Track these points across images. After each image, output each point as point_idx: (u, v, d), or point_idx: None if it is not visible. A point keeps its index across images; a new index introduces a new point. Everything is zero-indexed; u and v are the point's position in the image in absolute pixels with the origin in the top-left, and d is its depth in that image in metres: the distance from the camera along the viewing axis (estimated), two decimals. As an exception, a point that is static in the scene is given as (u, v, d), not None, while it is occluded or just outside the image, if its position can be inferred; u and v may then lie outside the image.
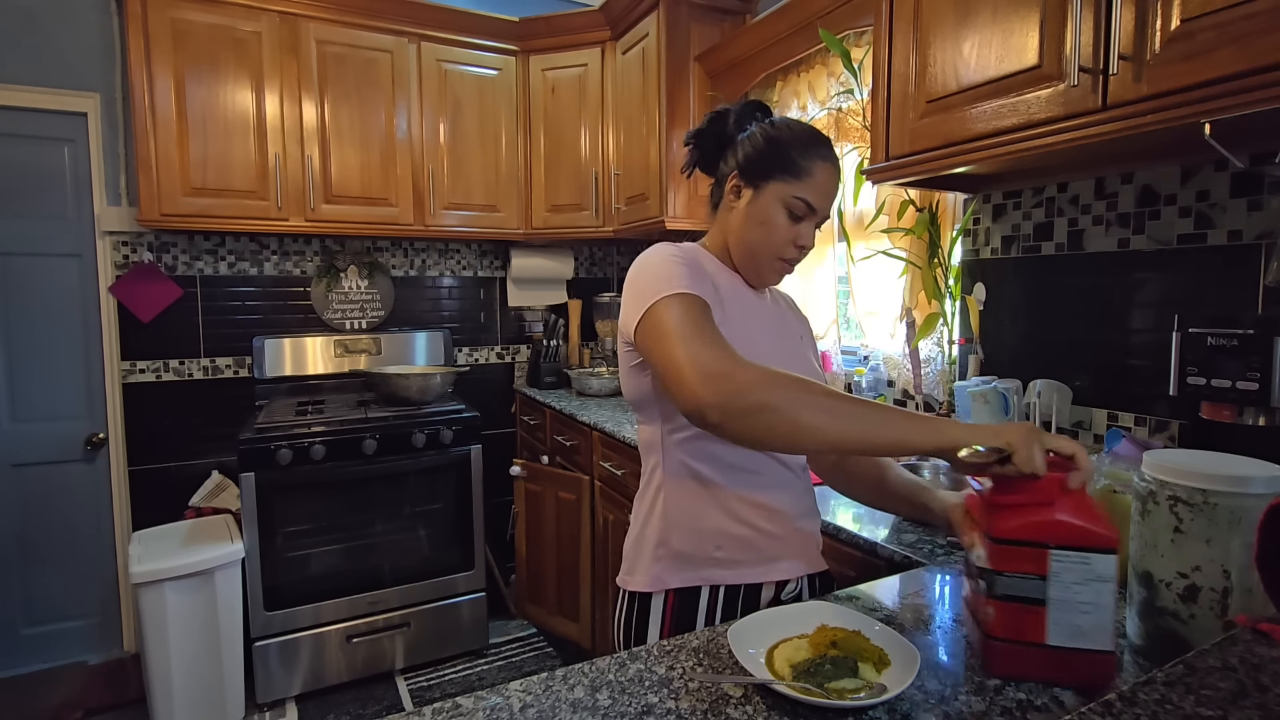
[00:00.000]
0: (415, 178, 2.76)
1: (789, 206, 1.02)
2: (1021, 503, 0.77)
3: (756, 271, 1.07)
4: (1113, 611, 0.74)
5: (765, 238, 1.03)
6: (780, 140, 1.02)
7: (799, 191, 1.01)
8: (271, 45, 2.49)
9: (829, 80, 2.11)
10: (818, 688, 0.73)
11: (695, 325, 0.88)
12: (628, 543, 1.11)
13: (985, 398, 1.56)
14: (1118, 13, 1.01)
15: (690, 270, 0.95)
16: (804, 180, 1.01)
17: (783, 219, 1.02)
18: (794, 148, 1.02)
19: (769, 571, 1.04)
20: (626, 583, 1.07)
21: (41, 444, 2.55)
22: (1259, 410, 1.07)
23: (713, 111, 1.10)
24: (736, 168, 1.05)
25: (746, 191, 1.04)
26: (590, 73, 2.82)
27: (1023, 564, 0.75)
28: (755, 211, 1.03)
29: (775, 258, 1.05)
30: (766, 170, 1.02)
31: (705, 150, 1.11)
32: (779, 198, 1.02)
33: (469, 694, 0.75)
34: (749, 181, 1.04)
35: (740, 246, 1.06)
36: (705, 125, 1.10)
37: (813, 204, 1.02)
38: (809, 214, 1.03)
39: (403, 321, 3.13)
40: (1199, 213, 1.32)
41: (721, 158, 1.10)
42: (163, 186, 2.36)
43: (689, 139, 1.12)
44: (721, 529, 1.02)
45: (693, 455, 1.03)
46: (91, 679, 2.53)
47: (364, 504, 2.45)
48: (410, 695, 2.42)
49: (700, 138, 1.10)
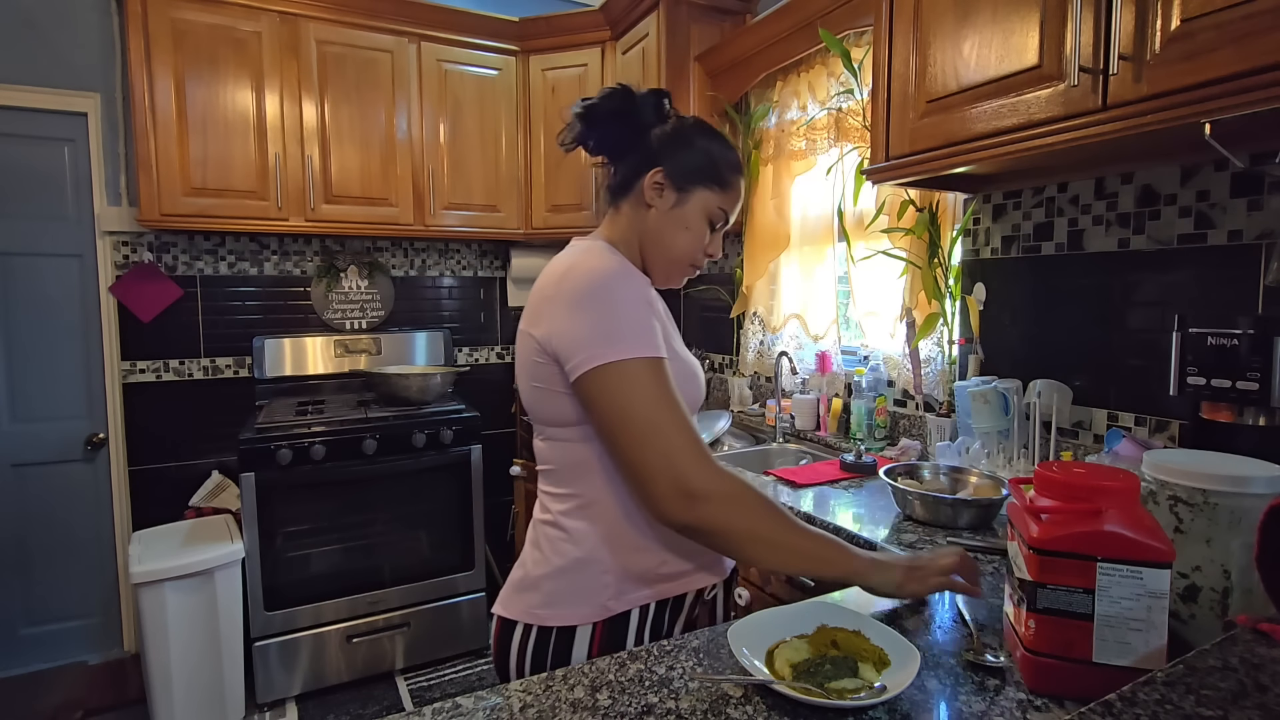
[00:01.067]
0: (415, 178, 2.76)
1: (711, 217, 1.02)
2: (1066, 510, 0.73)
3: (666, 274, 1.05)
4: (1165, 629, 0.69)
5: (688, 245, 1.02)
6: (713, 151, 1.02)
7: (723, 203, 1.02)
8: (271, 45, 2.49)
9: (829, 80, 2.11)
10: (818, 688, 0.73)
11: (669, 414, 0.85)
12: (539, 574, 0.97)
13: (985, 398, 1.56)
14: (1118, 13, 1.01)
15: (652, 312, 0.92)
16: (728, 193, 1.02)
17: (703, 227, 1.02)
18: (723, 160, 1.02)
19: (700, 579, 1.02)
20: (545, 618, 0.94)
21: (41, 444, 2.55)
22: (1259, 410, 1.07)
23: (612, 89, 1.02)
24: (662, 167, 1.00)
25: (671, 194, 1.01)
26: (590, 73, 2.82)
27: (1067, 577, 0.71)
28: (681, 216, 1.01)
29: (689, 264, 1.04)
30: (697, 178, 1.00)
31: (604, 130, 1.02)
32: (704, 206, 1.01)
33: (469, 694, 0.75)
34: (676, 185, 1.00)
35: (658, 248, 1.02)
36: (603, 101, 1.01)
37: (729, 216, 1.04)
38: (723, 225, 1.04)
39: (403, 321, 3.13)
40: (1199, 213, 1.32)
41: (629, 147, 1.03)
42: (163, 186, 2.36)
43: (580, 110, 1.01)
44: (664, 543, 0.97)
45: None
46: (91, 679, 2.53)
47: (364, 504, 2.45)
48: (410, 695, 2.42)
49: (595, 114, 1.01)
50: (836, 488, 1.65)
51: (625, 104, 1.01)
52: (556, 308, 0.90)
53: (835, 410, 2.17)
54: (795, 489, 1.65)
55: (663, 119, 1.04)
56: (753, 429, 2.43)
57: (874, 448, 1.96)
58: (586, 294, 0.89)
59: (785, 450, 2.24)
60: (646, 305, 0.92)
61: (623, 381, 0.85)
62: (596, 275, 0.90)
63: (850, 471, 1.75)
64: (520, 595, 0.99)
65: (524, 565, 1.01)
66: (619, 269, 0.92)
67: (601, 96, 1.01)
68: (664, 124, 1.03)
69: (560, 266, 0.95)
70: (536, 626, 0.95)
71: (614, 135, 1.03)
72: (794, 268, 2.41)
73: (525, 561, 1.01)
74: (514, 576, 1.02)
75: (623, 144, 1.03)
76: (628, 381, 0.85)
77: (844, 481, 1.70)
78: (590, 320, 0.87)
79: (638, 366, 0.85)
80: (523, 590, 0.99)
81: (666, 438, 0.84)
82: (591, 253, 0.95)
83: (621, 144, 1.03)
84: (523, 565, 1.01)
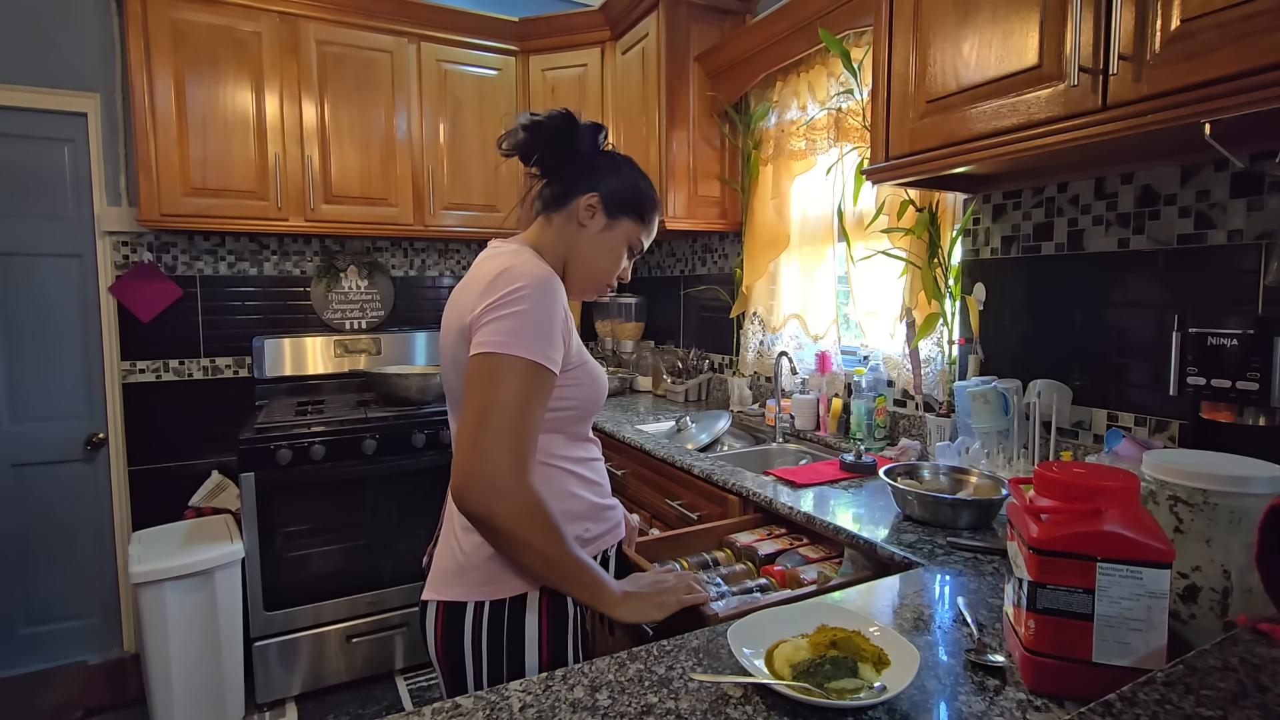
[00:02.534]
0: (415, 178, 2.76)
1: (631, 245, 1.16)
2: (1066, 510, 0.73)
3: (584, 289, 1.16)
4: (1165, 629, 0.70)
5: (609, 268, 1.15)
6: (641, 188, 1.15)
7: (642, 234, 1.16)
8: (271, 45, 2.49)
9: (829, 80, 2.11)
10: (817, 688, 0.72)
11: (522, 417, 0.92)
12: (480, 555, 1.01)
13: (985, 398, 1.56)
14: (1118, 13, 1.01)
15: (559, 321, 0.99)
16: (646, 227, 1.16)
17: (623, 254, 1.16)
18: (647, 198, 1.15)
19: (613, 536, 1.15)
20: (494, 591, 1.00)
21: (41, 444, 2.55)
22: (1259, 410, 1.07)
23: (558, 112, 1.10)
24: (598, 193, 1.11)
25: (601, 218, 1.12)
26: (590, 73, 2.82)
27: (1067, 577, 0.71)
28: (607, 240, 1.13)
29: (602, 284, 1.17)
30: (626, 209, 1.13)
31: (545, 147, 1.11)
32: (627, 236, 1.15)
33: (469, 694, 0.75)
34: (608, 211, 1.12)
35: (582, 266, 1.13)
36: (548, 121, 1.09)
37: (643, 248, 1.18)
38: (637, 253, 1.18)
39: (403, 321, 3.13)
40: (1199, 213, 1.32)
41: (568, 167, 1.12)
42: (163, 186, 2.36)
43: (527, 124, 1.09)
44: (584, 510, 1.09)
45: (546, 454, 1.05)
46: (91, 679, 2.53)
47: (364, 504, 2.45)
48: (410, 695, 2.42)
49: (539, 131, 1.09)
50: (836, 488, 1.65)
51: (568, 128, 1.11)
52: (486, 300, 0.97)
53: (835, 410, 2.17)
54: (795, 489, 1.65)
55: (597, 150, 1.15)
56: (752, 429, 2.43)
57: (874, 448, 1.96)
58: (515, 294, 0.95)
59: (785, 450, 2.24)
60: (561, 316, 0.99)
61: (504, 371, 0.92)
62: (530, 280, 0.97)
63: (850, 471, 1.75)
64: (460, 578, 1.02)
65: (456, 550, 1.03)
66: (548, 278, 0.99)
67: (548, 116, 1.10)
68: (598, 154, 1.15)
69: (494, 267, 1.01)
70: (488, 601, 1.00)
71: (553, 153, 1.12)
72: (794, 268, 2.41)
73: (456, 547, 1.04)
74: (445, 564, 1.05)
75: (560, 163, 1.13)
76: (507, 372, 0.92)
77: (844, 481, 1.70)
78: (511, 316, 0.94)
79: (523, 366, 0.93)
80: (462, 573, 1.02)
81: (508, 434, 0.90)
82: (522, 256, 1.03)
83: (559, 163, 1.13)
84: (454, 551, 1.04)
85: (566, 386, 1.02)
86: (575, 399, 1.05)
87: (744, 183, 2.54)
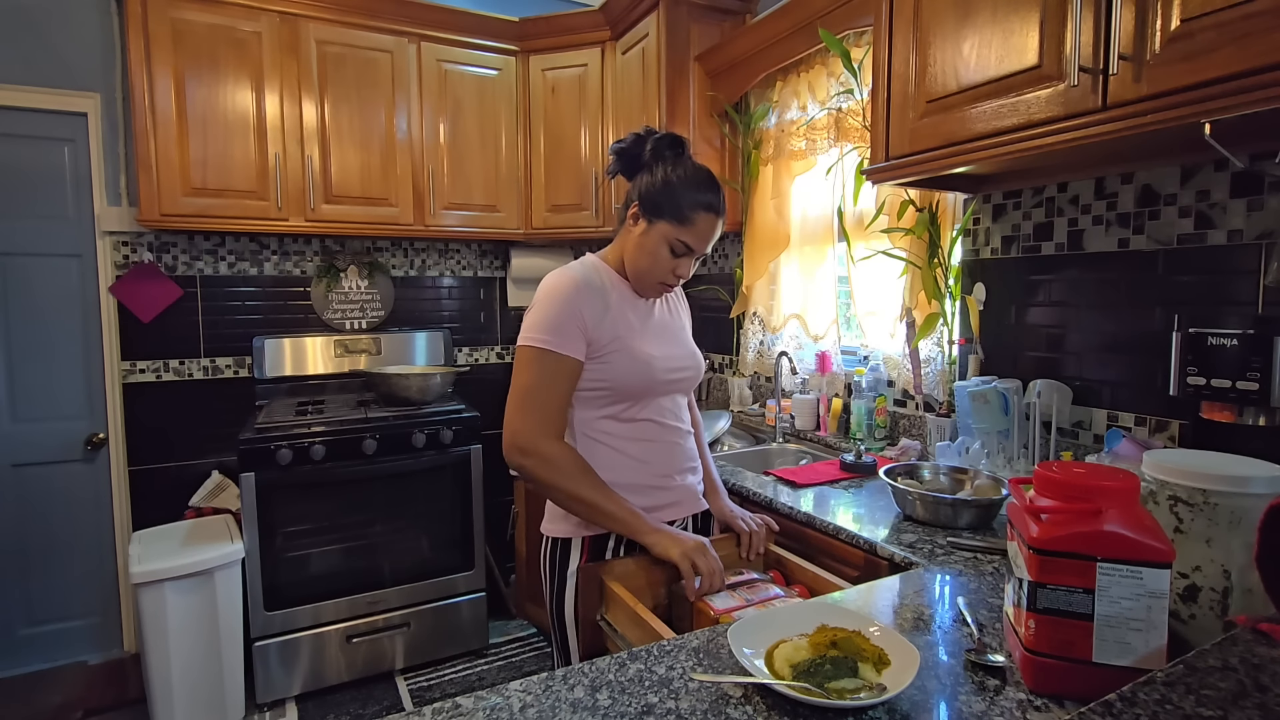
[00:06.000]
0: (415, 178, 2.76)
1: (672, 246, 1.22)
2: (1066, 510, 0.73)
3: (640, 286, 1.28)
4: (1165, 629, 0.69)
5: (651, 267, 1.24)
6: (674, 188, 1.21)
7: (682, 236, 1.21)
8: (271, 45, 2.49)
9: (829, 80, 2.11)
10: (818, 688, 0.73)
11: (534, 389, 1.17)
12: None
13: (985, 397, 1.56)
14: (1118, 13, 1.01)
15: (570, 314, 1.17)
16: (687, 227, 1.21)
17: (666, 254, 1.23)
18: (684, 198, 1.20)
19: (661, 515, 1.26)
20: (548, 529, 1.29)
21: (41, 444, 2.55)
22: (1259, 410, 1.07)
23: (638, 132, 1.27)
24: (639, 198, 1.24)
25: (641, 223, 1.24)
26: (590, 73, 2.82)
27: (1067, 577, 0.71)
28: (646, 243, 1.23)
29: (657, 282, 1.26)
30: (660, 211, 1.21)
31: (625, 164, 1.28)
32: (665, 237, 1.22)
33: (469, 694, 0.75)
34: (645, 215, 1.23)
35: (631, 267, 1.27)
36: (628, 143, 1.27)
37: (692, 246, 1.22)
38: (687, 254, 1.24)
39: (403, 321, 3.13)
40: (1199, 213, 1.32)
41: (633, 178, 1.27)
42: (163, 186, 2.36)
43: (615, 149, 1.29)
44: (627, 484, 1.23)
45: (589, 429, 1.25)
46: (91, 679, 2.53)
47: (364, 504, 2.45)
48: (410, 695, 2.42)
49: (623, 153, 1.28)
50: (836, 488, 1.65)
51: (634, 147, 1.27)
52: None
53: (835, 410, 2.17)
54: (795, 489, 1.65)
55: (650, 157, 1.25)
56: (753, 429, 2.43)
57: (874, 448, 1.96)
58: (538, 294, 1.21)
59: (785, 450, 2.24)
60: (572, 311, 1.18)
61: (522, 357, 1.19)
62: (550, 281, 1.21)
63: (850, 471, 1.75)
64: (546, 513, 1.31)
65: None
66: (567, 279, 1.20)
67: (627, 139, 1.27)
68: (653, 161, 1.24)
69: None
70: (548, 536, 1.29)
71: (627, 168, 1.29)
72: (794, 268, 2.41)
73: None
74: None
75: (630, 175, 1.29)
76: (523, 358, 1.19)
77: (844, 481, 1.70)
78: (528, 314, 1.21)
79: (532, 352, 1.18)
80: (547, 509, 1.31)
81: (526, 406, 1.17)
82: (575, 265, 1.25)
83: (630, 175, 1.29)
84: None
85: (597, 368, 1.21)
86: (607, 380, 1.21)
87: (744, 183, 2.54)
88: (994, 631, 0.89)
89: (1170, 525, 0.81)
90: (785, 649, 0.80)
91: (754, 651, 0.79)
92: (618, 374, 1.21)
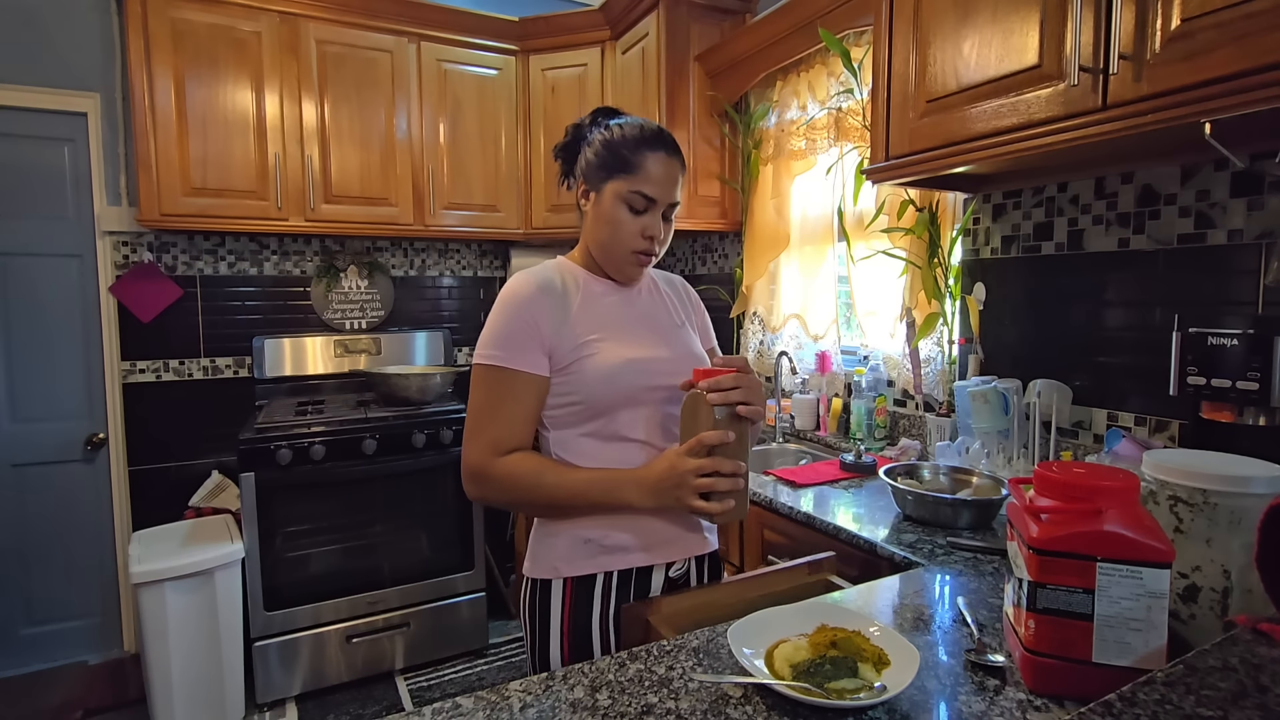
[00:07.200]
0: (415, 178, 2.76)
1: (628, 202, 1.07)
2: (1066, 510, 0.73)
3: (618, 268, 1.13)
4: (1165, 629, 0.70)
5: (614, 235, 1.09)
6: (611, 141, 1.09)
7: (636, 186, 1.06)
8: (271, 45, 2.49)
9: (829, 80, 2.11)
10: (817, 688, 0.72)
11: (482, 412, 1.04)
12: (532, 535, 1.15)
13: (985, 397, 1.56)
14: (1118, 12, 1.01)
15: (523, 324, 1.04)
16: (637, 174, 1.07)
17: (625, 215, 1.08)
18: (624, 145, 1.08)
19: (654, 555, 1.09)
20: (529, 570, 1.12)
21: (41, 444, 2.55)
22: (1259, 410, 1.07)
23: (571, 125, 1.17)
24: (581, 175, 1.13)
25: (592, 195, 1.11)
26: (590, 72, 2.82)
27: (1067, 577, 0.71)
28: (600, 213, 1.09)
29: (629, 251, 1.10)
30: (603, 172, 1.08)
31: (568, 158, 1.17)
32: (617, 195, 1.07)
33: (469, 694, 0.75)
34: (591, 185, 1.11)
35: (596, 247, 1.12)
36: (566, 137, 1.17)
37: (650, 195, 1.07)
38: (649, 205, 1.08)
39: (403, 321, 3.13)
40: (1199, 213, 1.32)
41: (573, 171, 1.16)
42: (163, 186, 2.36)
43: (556, 153, 1.19)
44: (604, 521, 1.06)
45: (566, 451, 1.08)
46: (91, 679, 2.53)
47: (364, 504, 2.45)
48: (410, 695, 2.42)
49: (564, 150, 1.18)
50: (836, 488, 1.65)
51: (571, 135, 1.16)
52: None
53: (835, 410, 2.17)
54: (795, 489, 1.65)
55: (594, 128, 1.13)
56: (753, 429, 2.43)
57: (874, 448, 1.96)
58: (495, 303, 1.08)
59: (785, 450, 2.24)
60: (525, 320, 1.04)
61: (473, 377, 1.07)
62: (505, 288, 1.08)
63: (850, 471, 1.75)
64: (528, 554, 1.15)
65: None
66: (520, 284, 1.07)
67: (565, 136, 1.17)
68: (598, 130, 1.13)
69: None
70: (528, 578, 1.12)
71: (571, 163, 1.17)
72: (794, 268, 2.41)
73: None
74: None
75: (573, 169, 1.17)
76: (474, 378, 1.06)
77: (844, 481, 1.70)
78: (486, 325, 1.07)
79: (481, 370, 1.05)
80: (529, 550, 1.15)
81: (474, 431, 1.05)
82: (531, 269, 1.10)
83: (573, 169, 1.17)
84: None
85: (564, 381, 1.06)
86: (576, 393, 1.05)
87: (744, 182, 2.54)
88: (994, 631, 0.89)
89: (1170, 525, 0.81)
90: (785, 649, 0.80)
91: (754, 651, 0.79)
92: (587, 384, 1.04)
